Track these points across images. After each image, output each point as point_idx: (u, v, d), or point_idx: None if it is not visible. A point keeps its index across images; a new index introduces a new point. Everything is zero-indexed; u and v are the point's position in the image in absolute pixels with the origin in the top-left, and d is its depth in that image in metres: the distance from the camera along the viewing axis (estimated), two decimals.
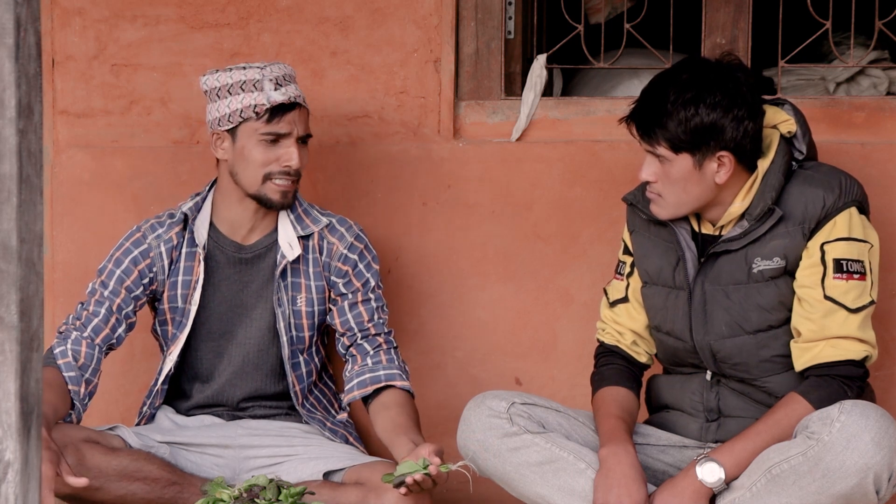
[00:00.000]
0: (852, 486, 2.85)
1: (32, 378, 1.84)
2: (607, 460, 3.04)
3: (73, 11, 3.78)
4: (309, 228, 3.42)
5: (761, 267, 3.07)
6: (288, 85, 3.35)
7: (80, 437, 3.21)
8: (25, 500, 1.82)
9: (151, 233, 3.44)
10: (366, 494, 3.19)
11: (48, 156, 3.79)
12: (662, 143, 3.02)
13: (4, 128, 1.79)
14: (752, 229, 3.06)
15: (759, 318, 3.09)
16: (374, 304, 3.45)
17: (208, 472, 3.36)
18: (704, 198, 3.08)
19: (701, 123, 2.98)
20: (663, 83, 3.05)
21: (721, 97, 2.99)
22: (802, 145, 3.14)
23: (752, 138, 3.03)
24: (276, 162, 3.34)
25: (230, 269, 3.44)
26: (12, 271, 1.80)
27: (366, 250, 3.47)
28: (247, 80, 3.32)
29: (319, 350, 3.54)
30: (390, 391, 3.38)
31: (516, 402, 3.12)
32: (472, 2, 3.71)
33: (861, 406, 2.88)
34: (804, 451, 2.88)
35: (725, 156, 3.02)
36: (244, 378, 3.46)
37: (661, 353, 3.28)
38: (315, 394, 3.53)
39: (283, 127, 3.33)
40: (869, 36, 3.80)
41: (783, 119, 3.13)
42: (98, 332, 3.35)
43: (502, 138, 3.72)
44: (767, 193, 3.05)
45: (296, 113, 3.35)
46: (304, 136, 3.37)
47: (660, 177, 3.07)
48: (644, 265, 3.23)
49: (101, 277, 3.41)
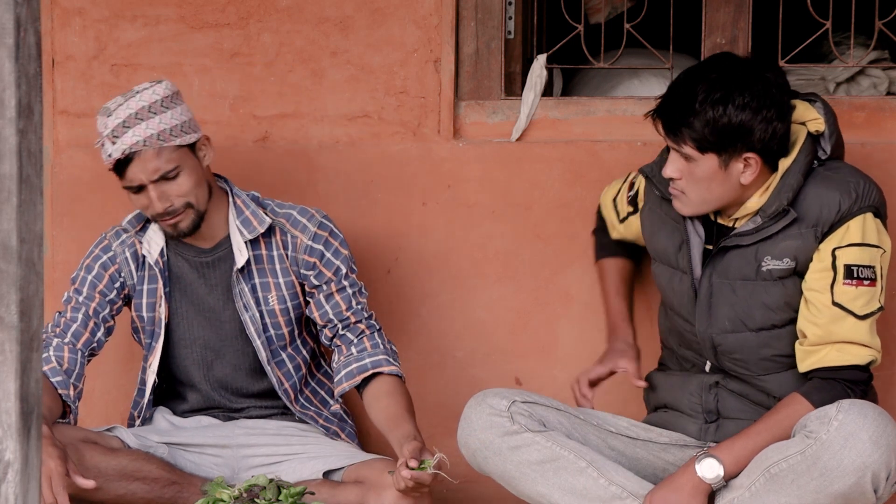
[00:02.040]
0: (850, 484, 2.85)
1: (32, 378, 1.84)
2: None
3: (73, 11, 3.78)
4: (255, 230, 3.36)
5: (770, 266, 3.06)
6: (125, 134, 3.21)
7: (79, 438, 3.21)
8: (25, 500, 1.82)
9: (116, 239, 3.44)
10: (365, 493, 3.19)
11: (48, 156, 3.79)
12: (689, 142, 2.99)
13: (4, 128, 1.79)
14: (765, 226, 3.04)
15: (763, 316, 3.08)
16: (349, 291, 3.41)
17: (207, 472, 3.36)
18: (728, 197, 3.05)
19: (729, 124, 2.94)
20: (692, 81, 3.00)
21: (750, 98, 2.94)
22: (828, 144, 3.09)
23: (779, 140, 3.00)
24: (147, 208, 3.30)
25: (194, 273, 3.41)
26: (12, 271, 1.80)
27: (331, 237, 3.40)
28: (99, 135, 3.27)
29: (307, 342, 3.51)
30: (379, 379, 3.37)
31: (517, 401, 3.12)
32: (472, 2, 3.70)
33: (859, 405, 2.88)
34: (802, 451, 2.88)
35: (752, 157, 2.99)
36: (227, 381, 3.45)
37: (669, 334, 3.28)
38: (311, 386, 3.52)
39: (133, 179, 3.25)
40: (869, 36, 3.80)
41: (813, 117, 3.09)
42: (79, 337, 3.34)
43: (502, 138, 3.72)
44: (784, 193, 3.02)
45: (136, 163, 3.22)
46: (158, 178, 3.23)
47: (684, 175, 3.03)
48: (653, 243, 3.23)
49: (74, 285, 3.41)
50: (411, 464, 3.03)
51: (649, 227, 3.24)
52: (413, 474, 3.02)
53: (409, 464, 3.03)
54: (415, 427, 3.22)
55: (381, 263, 3.68)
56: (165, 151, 3.24)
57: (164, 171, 3.24)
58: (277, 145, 3.74)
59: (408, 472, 3.02)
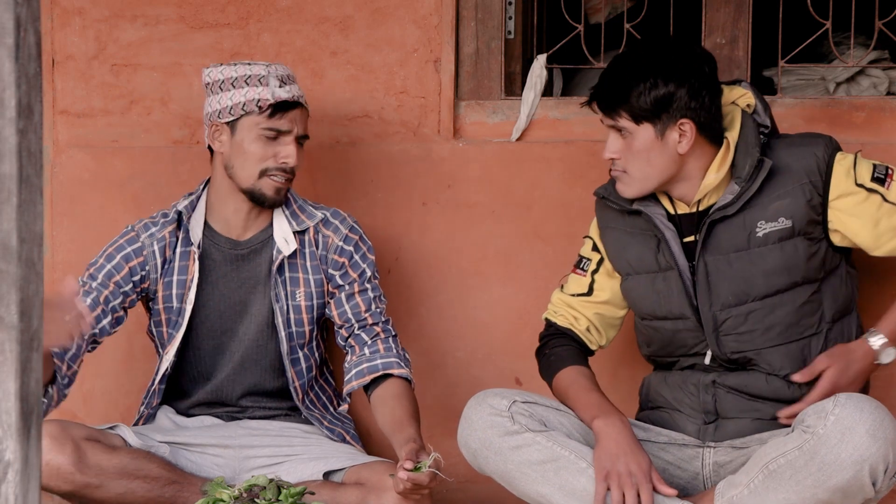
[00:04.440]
0: (848, 478, 2.86)
1: (32, 378, 1.84)
2: (605, 431, 3.05)
3: (73, 11, 3.79)
4: (304, 223, 3.44)
5: (766, 230, 3.09)
6: (291, 84, 3.36)
7: (81, 436, 3.21)
8: (25, 500, 1.82)
9: (144, 232, 3.45)
10: (366, 494, 3.19)
11: (48, 156, 3.79)
12: (624, 115, 3.08)
13: (4, 128, 1.79)
14: (745, 190, 3.09)
15: (765, 282, 3.10)
16: (370, 294, 3.46)
17: (208, 472, 3.36)
18: (669, 170, 3.11)
19: (660, 93, 3.05)
20: (621, 60, 3.13)
21: (679, 68, 3.06)
22: (766, 119, 3.19)
23: (710, 111, 3.08)
24: (274, 158, 3.35)
25: (227, 266, 3.44)
26: (12, 271, 1.80)
27: (361, 241, 3.48)
28: (252, 75, 3.33)
29: (319, 345, 3.55)
30: (388, 382, 3.39)
31: (517, 401, 3.12)
32: (472, 2, 3.71)
33: (855, 399, 2.89)
34: (800, 446, 2.89)
35: (686, 123, 3.06)
36: (244, 374, 3.47)
37: (654, 345, 3.27)
38: (315, 390, 3.54)
39: (284, 124, 3.34)
40: (869, 36, 3.80)
41: (740, 94, 3.18)
42: None
43: (502, 138, 3.72)
44: (752, 149, 3.09)
45: (297, 112, 3.36)
46: (302, 135, 3.38)
47: (623, 152, 3.11)
48: (623, 257, 3.24)
49: (89, 271, 3.41)
50: (407, 466, 3.04)
51: (616, 245, 3.26)
52: (410, 475, 3.03)
53: (405, 466, 3.04)
54: (416, 431, 3.23)
55: (381, 263, 3.69)
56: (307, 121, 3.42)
57: (305, 133, 3.40)
58: None
59: (404, 473, 3.03)
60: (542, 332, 3.37)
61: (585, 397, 3.16)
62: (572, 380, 3.22)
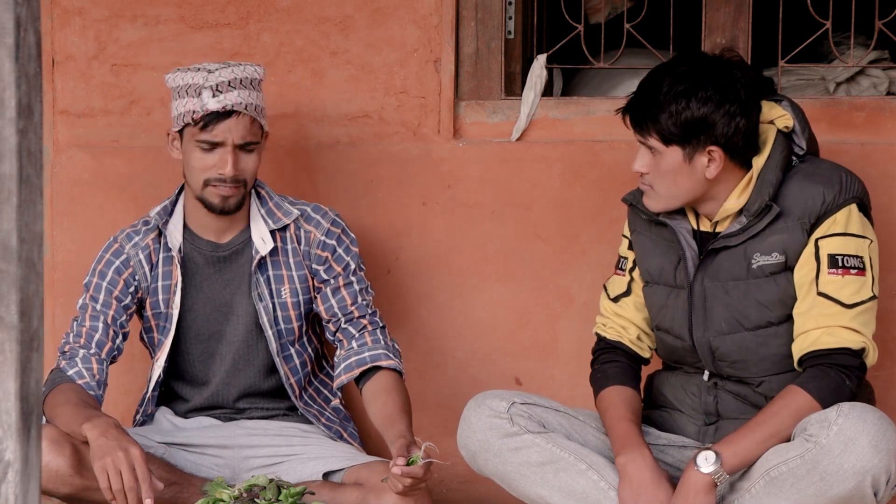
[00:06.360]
0: (850, 489, 2.84)
1: (32, 378, 1.84)
2: (628, 468, 3.03)
3: (73, 11, 3.78)
4: (281, 221, 3.42)
5: (760, 262, 3.06)
6: (230, 91, 3.29)
7: (80, 438, 3.21)
8: (25, 500, 1.82)
9: (128, 242, 3.45)
10: (365, 495, 3.19)
11: (48, 156, 3.79)
12: (653, 134, 3.04)
13: (4, 128, 1.79)
14: (751, 225, 3.06)
15: (758, 314, 3.08)
16: (356, 287, 3.45)
17: (208, 473, 3.36)
18: (695, 192, 3.08)
19: (691, 117, 2.99)
20: (659, 75, 3.06)
21: (713, 92, 2.99)
22: (802, 140, 3.13)
23: (744, 135, 3.03)
24: (213, 168, 3.32)
25: (209, 268, 3.44)
26: (12, 271, 1.80)
27: (343, 234, 3.46)
28: (190, 85, 3.30)
29: (312, 340, 3.54)
30: (378, 375, 3.38)
31: (517, 402, 3.12)
32: (472, 2, 3.71)
33: (859, 409, 2.87)
34: (802, 454, 2.87)
35: (715, 151, 3.02)
36: (237, 376, 3.46)
37: (661, 350, 3.28)
38: (315, 385, 3.54)
39: (217, 135, 3.30)
40: (869, 36, 3.80)
41: (779, 114, 3.12)
42: (102, 347, 3.36)
43: (502, 138, 3.72)
44: (765, 190, 3.04)
45: (232, 121, 3.29)
46: (243, 144, 3.31)
47: (651, 168, 3.08)
48: (646, 265, 3.23)
49: (89, 292, 3.42)
50: (399, 462, 3.04)
51: (642, 250, 3.24)
52: (405, 470, 3.03)
53: (397, 463, 3.04)
54: (407, 426, 3.22)
55: (381, 263, 3.69)
56: (256, 125, 3.34)
57: (248, 140, 3.33)
58: (277, 145, 3.74)
59: (398, 469, 3.03)
60: (594, 347, 3.34)
61: (615, 427, 3.13)
62: (609, 403, 3.19)
